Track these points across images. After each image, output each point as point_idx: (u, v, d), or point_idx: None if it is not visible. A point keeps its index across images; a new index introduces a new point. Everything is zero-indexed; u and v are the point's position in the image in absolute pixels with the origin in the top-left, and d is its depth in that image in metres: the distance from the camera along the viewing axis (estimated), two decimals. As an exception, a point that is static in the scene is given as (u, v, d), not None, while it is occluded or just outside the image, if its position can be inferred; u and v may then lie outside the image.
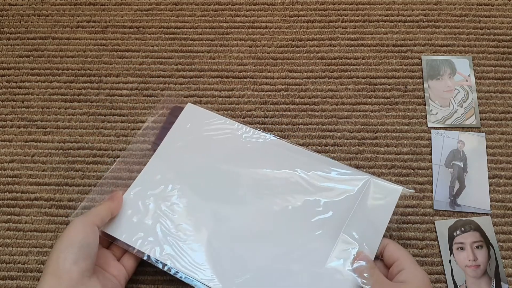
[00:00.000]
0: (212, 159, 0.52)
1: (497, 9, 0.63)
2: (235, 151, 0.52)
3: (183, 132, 0.54)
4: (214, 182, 0.51)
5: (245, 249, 0.47)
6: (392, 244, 0.46)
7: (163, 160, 0.52)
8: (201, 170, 0.52)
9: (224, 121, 0.54)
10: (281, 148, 0.52)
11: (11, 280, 0.52)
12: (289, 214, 0.49)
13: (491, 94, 0.58)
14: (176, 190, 0.50)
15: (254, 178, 0.51)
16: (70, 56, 0.63)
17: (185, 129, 0.54)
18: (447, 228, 0.52)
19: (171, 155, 0.53)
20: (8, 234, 0.54)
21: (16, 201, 0.55)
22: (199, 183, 0.51)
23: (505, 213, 0.53)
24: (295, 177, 0.50)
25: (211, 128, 0.54)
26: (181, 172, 0.51)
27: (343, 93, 0.59)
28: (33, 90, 0.61)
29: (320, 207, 0.48)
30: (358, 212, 0.47)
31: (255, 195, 0.50)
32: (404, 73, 0.60)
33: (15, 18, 0.65)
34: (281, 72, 0.61)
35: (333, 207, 0.48)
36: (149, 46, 0.63)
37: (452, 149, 0.55)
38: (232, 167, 0.51)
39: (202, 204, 0.50)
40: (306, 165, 0.51)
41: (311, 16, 0.64)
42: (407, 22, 0.63)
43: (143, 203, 0.50)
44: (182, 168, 0.52)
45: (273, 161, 0.51)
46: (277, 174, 0.51)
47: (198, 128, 0.54)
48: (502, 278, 0.50)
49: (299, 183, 0.50)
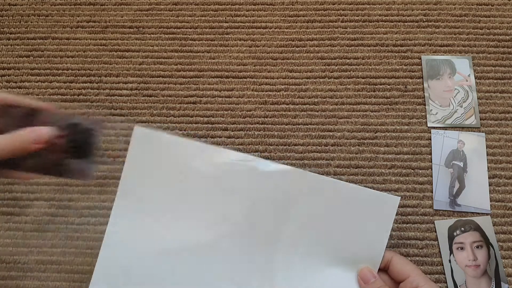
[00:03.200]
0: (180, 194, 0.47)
1: (497, 9, 0.63)
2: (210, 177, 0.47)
3: (137, 164, 0.46)
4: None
5: None
6: (398, 258, 0.45)
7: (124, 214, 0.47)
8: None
9: (188, 143, 0.47)
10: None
11: (11, 280, 0.52)
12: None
13: (491, 94, 0.58)
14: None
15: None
16: (70, 56, 0.63)
17: (139, 159, 0.46)
18: (447, 228, 0.52)
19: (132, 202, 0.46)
20: (8, 234, 0.54)
21: (16, 201, 0.55)
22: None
23: (505, 213, 0.53)
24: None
25: (171, 153, 0.47)
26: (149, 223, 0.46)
27: (343, 93, 0.59)
28: (33, 90, 0.61)
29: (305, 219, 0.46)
30: (355, 225, 0.46)
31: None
32: (404, 73, 0.60)
33: (15, 18, 0.65)
34: (281, 72, 0.61)
35: (323, 222, 0.46)
36: (149, 46, 0.63)
37: (452, 149, 0.55)
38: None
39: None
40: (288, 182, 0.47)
41: (311, 16, 0.64)
42: (407, 22, 0.63)
43: None
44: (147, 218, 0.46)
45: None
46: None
47: (156, 156, 0.47)
48: (502, 278, 0.50)
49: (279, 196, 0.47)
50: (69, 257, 0.53)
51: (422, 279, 0.42)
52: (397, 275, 0.44)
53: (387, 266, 0.45)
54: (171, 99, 0.59)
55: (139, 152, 0.47)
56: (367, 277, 0.44)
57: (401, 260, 0.44)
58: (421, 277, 0.43)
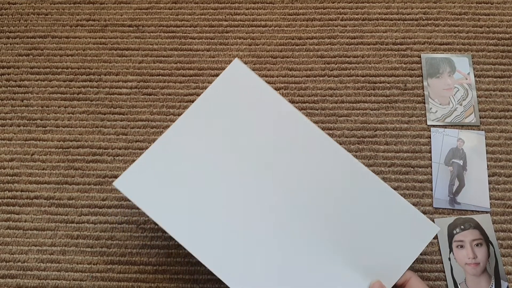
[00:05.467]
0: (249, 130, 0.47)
1: (497, 7, 0.63)
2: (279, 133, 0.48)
3: (224, 90, 0.48)
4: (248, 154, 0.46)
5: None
6: (416, 280, 0.44)
7: (196, 116, 0.47)
8: (234, 139, 0.47)
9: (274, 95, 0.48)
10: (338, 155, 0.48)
11: (11, 278, 0.52)
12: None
13: (491, 92, 0.58)
14: (205, 151, 0.46)
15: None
16: (69, 54, 0.63)
17: (227, 88, 0.48)
18: (446, 226, 0.52)
19: (207, 112, 0.47)
20: (8, 232, 0.54)
21: (16, 199, 0.55)
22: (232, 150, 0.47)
23: (505, 211, 0.53)
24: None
25: (256, 95, 0.48)
26: (212, 135, 0.47)
27: (342, 91, 0.59)
28: (32, 89, 0.61)
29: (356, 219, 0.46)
30: (387, 238, 0.45)
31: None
32: (403, 71, 0.60)
33: (14, 17, 0.65)
34: (281, 70, 0.61)
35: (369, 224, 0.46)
36: (149, 44, 0.63)
37: (451, 147, 0.55)
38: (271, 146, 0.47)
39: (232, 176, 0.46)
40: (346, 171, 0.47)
41: (310, 15, 0.64)
42: (407, 21, 0.63)
43: (167, 163, 0.46)
44: (217, 129, 0.47)
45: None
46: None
47: (242, 90, 0.48)
48: (502, 276, 0.50)
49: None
50: (69, 256, 0.53)
51: None
52: None
53: (404, 285, 0.45)
54: (170, 98, 0.59)
55: (227, 81, 0.48)
56: None
57: (419, 283, 0.44)
58: None
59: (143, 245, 0.53)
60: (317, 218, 0.45)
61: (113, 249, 0.53)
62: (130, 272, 0.52)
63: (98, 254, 0.53)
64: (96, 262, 0.52)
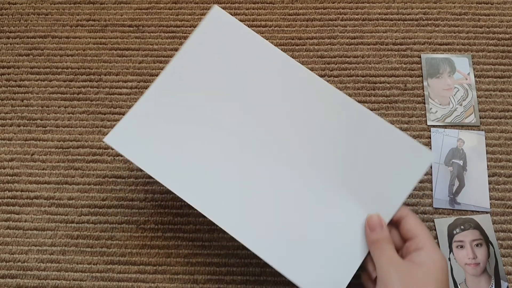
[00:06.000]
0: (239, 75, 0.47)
1: (497, 8, 0.63)
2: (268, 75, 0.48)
3: (206, 39, 0.48)
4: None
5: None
6: (413, 217, 0.43)
7: (181, 68, 0.47)
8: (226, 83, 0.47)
9: (258, 38, 0.48)
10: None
11: (11, 278, 0.52)
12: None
13: (491, 92, 0.58)
14: (198, 100, 0.47)
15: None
16: (69, 54, 0.63)
17: (209, 36, 0.48)
18: (446, 226, 0.52)
19: (191, 63, 0.47)
20: (8, 232, 0.54)
21: (16, 199, 0.55)
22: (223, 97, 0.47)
23: (505, 211, 0.53)
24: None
25: (240, 41, 0.48)
26: (203, 82, 0.47)
27: (342, 91, 0.59)
28: (32, 89, 0.61)
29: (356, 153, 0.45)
30: (383, 167, 0.45)
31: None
32: (403, 71, 0.60)
33: (14, 17, 0.65)
34: (281, 70, 0.61)
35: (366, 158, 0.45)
36: (149, 44, 0.63)
37: (451, 147, 0.55)
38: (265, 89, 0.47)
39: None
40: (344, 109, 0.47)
41: (310, 15, 0.64)
42: (407, 21, 0.63)
43: (155, 117, 0.46)
44: (203, 78, 0.47)
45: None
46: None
47: (224, 39, 0.48)
48: (502, 276, 0.50)
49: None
50: (69, 256, 0.53)
51: (427, 242, 0.41)
52: (406, 233, 0.43)
53: (399, 221, 0.44)
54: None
55: (208, 31, 0.48)
56: (374, 225, 0.43)
57: (414, 219, 0.43)
58: (427, 242, 0.41)
59: (143, 245, 0.53)
60: (312, 153, 0.45)
61: (113, 249, 0.53)
62: (130, 272, 0.52)
63: (98, 254, 0.53)
64: (96, 262, 0.52)
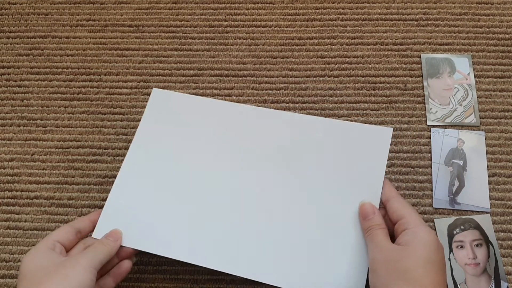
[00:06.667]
0: (197, 140, 0.50)
1: (497, 8, 0.63)
2: (222, 127, 0.51)
3: (155, 121, 0.51)
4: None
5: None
6: (396, 199, 0.44)
7: (141, 150, 0.50)
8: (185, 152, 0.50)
9: (199, 101, 0.52)
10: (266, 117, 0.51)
11: (11, 278, 0.52)
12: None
13: (491, 92, 0.58)
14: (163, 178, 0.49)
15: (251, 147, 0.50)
16: (69, 54, 0.63)
17: (157, 117, 0.52)
18: (446, 226, 0.52)
19: (149, 143, 0.51)
20: (8, 232, 0.54)
21: (16, 199, 0.55)
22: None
23: (505, 211, 0.53)
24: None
25: (187, 110, 0.52)
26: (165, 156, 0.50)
27: (342, 91, 0.59)
28: (32, 89, 0.61)
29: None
30: (352, 161, 0.47)
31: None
32: (403, 71, 0.60)
33: (14, 17, 0.65)
34: (281, 70, 0.61)
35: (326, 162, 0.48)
36: (149, 44, 0.63)
37: (451, 147, 0.55)
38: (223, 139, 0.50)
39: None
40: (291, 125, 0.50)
41: (310, 15, 0.64)
42: (407, 21, 0.63)
43: (128, 202, 0.48)
44: (165, 151, 0.50)
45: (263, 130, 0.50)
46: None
47: (172, 113, 0.52)
48: (502, 276, 0.50)
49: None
50: (69, 256, 0.53)
51: (413, 221, 0.41)
52: (392, 216, 0.43)
53: (385, 204, 0.44)
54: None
55: (156, 110, 0.52)
56: (367, 212, 0.44)
57: (399, 202, 0.43)
58: (413, 219, 0.41)
59: (143, 245, 0.53)
60: (282, 188, 0.48)
61: (113, 249, 0.53)
62: (130, 272, 0.52)
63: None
64: (96, 262, 0.52)
